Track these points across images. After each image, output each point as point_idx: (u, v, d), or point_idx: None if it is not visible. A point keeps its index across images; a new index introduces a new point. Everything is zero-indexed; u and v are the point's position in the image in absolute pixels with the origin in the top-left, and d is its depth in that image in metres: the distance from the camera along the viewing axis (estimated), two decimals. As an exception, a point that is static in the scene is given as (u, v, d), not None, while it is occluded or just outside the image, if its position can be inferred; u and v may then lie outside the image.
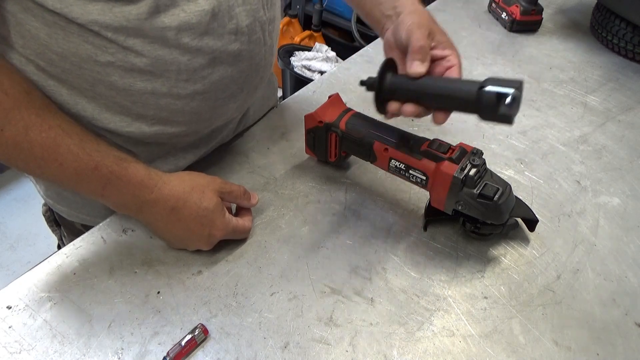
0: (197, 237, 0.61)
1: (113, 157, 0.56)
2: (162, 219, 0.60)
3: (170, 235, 0.62)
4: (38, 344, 0.54)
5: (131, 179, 0.57)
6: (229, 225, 0.62)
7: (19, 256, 1.92)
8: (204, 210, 0.59)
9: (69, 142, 0.53)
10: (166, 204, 0.58)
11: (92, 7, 0.50)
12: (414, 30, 0.57)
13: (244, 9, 0.60)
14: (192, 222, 0.59)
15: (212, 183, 0.62)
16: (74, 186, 0.56)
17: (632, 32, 1.02)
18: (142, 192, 0.57)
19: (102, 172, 0.55)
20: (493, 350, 0.55)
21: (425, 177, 0.62)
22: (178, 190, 0.59)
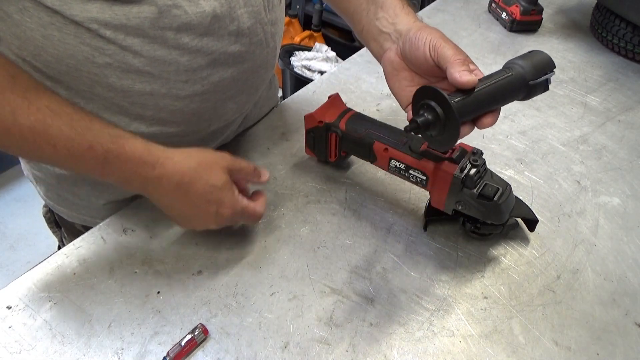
0: (205, 215, 0.58)
1: (107, 134, 0.53)
2: (167, 196, 0.57)
3: (177, 213, 0.59)
4: (38, 344, 0.54)
5: (130, 157, 0.53)
6: (238, 204, 0.59)
7: (19, 256, 1.92)
8: (212, 187, 0.56)
9: (59, 123, 0.50)
10: (170, 180, 0.55)
11: (91, 5, 0.50)
12: (443, 44, 0.53)
13: (245, 11, 0.59)
14: (198, 200, 0.57)
15: (221, 160, 0.58)
16: (73, 167, 0.55)
17: (632, 32, 1.02)
18: (144, 169, 0.54)
19: (98, 152, 0.52)
20: (493, 350, 0.55)
21: (425, 177, 0.62)
22: (183, 167, 0.55)
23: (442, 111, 0.49)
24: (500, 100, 0.51)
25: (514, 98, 0.52)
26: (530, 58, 0.52)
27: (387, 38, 0.60)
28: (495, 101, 0.51)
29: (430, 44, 0.54)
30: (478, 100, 0.50)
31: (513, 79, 0.51)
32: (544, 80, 0.51)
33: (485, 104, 0.50)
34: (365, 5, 0.62)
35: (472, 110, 0.50)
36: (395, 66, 0.59)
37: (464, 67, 0.50)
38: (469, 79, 0.49)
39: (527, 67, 0.51)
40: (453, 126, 0.49)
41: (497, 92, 0.50)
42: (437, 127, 0.50)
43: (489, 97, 0.50)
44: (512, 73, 0.51)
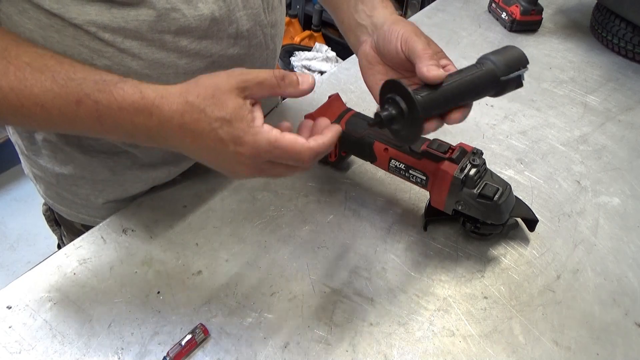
0: (227, 159, 0.47)
1: (92, 82, 0.47)
2: (182, 144, 0.48)
3: (205, 161, 0.50)
4: (38, 344, 0.54)
5: (122, 105, 0.46)
6: (262, 138, 0.45)
7: (19, 256, 1.92)
8: (218, 121, 0.45)
9: (42, 79, 0.46)
10: (172, 124, 0.46)
11: (89, 8, 0.50)
12: (414, 38, 0.53)
13: (245, 13, 0.59)
14: (209, 140, 0.46)
15: (227, 80, 0.46)
16: (72, 129, 0.50)
17: (632, 32, 1.02)
18: (141, 118, 0.47)
19: (88, 105, 0.46)
20: (493, 350, 0.55)
21: (425, 177, 0.62)
22: (180, 102, 0.46)
23: (405, 106, 0.48)
24: (469, 95, 0.50)
25: (485, 94, 0.51)
26: (503, 53, 0.51)
27: (363, 31, 0.60)
28: (464, 96, 0.50)
29: (402, 38, 0.53)
30: (445, 95, 0.49)
31: (483, 74, 0.50)
32: (517, 76, 0.50)
33: (453, 99, 0.50)
34: None
35: (438, 105, 0.49)
36: (369, 59, 0.58)
37: (432, 61, 0.50)
38: (436, 74, 0.48)
39: (499, 62, 0.50)
40: (416, 121, 0.48)
41: (466, 87, 0.50)
42: (401, 122, 0.49)
43: (457, 92, 0.49)
44: (484, 68, 0.50)
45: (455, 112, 0.50)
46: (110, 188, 0.69)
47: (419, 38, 0.53)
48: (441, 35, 1.11)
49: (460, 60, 1.02)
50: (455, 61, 1.09)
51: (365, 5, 0.60)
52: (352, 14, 0.61)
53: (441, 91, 0.48)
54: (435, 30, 1.13)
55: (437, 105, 0.49)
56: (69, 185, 0.70)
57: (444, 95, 0.49)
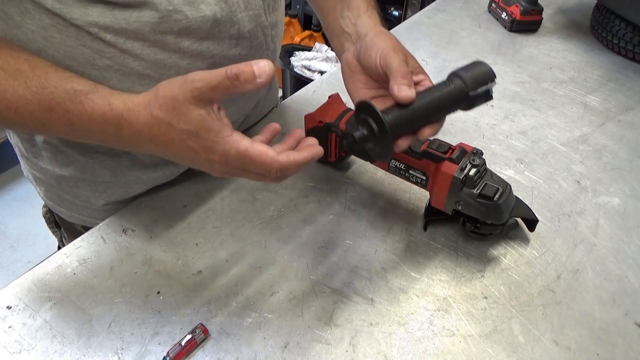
0: (199, 164, 0.49)
1: (64, 92, 0.47)
2: (153, 150, 0.49)
3: (178, 161, 0.51)
4: (38, 344, 0.54)
5: (92, 116, 0.47)
6: (231, 147, 0.46)
7: (19, 256, 1.92)
8: (183, 133, 0.45)
9: (14, 85, 0.46)
10: (142, 136, 0.47)
11: (91, 9, 0.50)
12: (391, 54, 0.53)
13: (246, 15, 0.59)
14: (179, 149, 0.47)
15: (182, 91, 0.45)
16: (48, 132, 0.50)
17: (632, 32, 1.02)
18: (111, 129, 0.47)
19: (59, 113, 0.47)
20: (493, 350, 0.55)
21: (425, 177, 0.62)
22: (146, 116, 0.46)
23: (376, 126, 0.50)
24: (439, 112, 0.52)
25: (455, 109, 0.53)
26: (471, 69, 0.52)
27: (347, 38, 0.60)
28: (435, 113, 0.52)
29: (381, 53, 0.53)
30: (415, 114, 0.51)
31: (453, 91, 0.52)
32: (484, 91, 0.52)
33: (423, 116, 0.52)
34: (333, 2, 0.63)
35: (407, 124, 0.51)
36: (351, 68, 0.58)
37: (405, 80, 0.51)
38: (405, 95, 0.49)
39: (468, 78, 0.51)
40: (387, 140, 0.50)
41: (436, 104, 0.52)
42: (373, 141, 0.52)
43: (427, 110, 0.51)
44: (453, 85, 0.52)
45: (427, 128, 0.52)
46: (111, 189, 0.69)
47: (396, 54, 0.53)
48: (441, 35, 1.11)
49: (460, 60, 1.02)
50: (455, 61, 1.10)
51: (350, 12, 0.61)
52: (337, 19, 0.61)
53: (411, 110, 0.51)
54: (435, 30, 1.13)
55: (406, 124, 0.51)
56: (69, 187, 0.69)
57: (414, 114, 0.51)
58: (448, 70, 0.53)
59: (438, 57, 1.03)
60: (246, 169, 0.48)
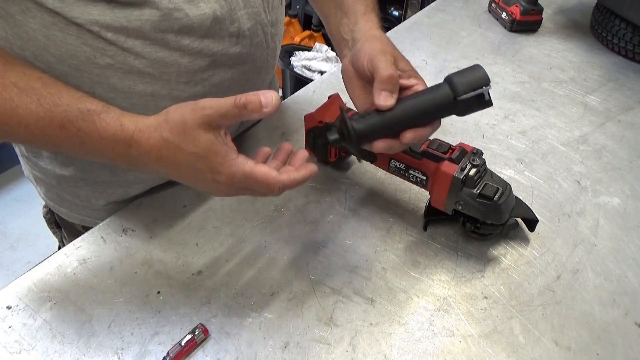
0: (206, 184, 0.50)
1: (77, 111, 0.48)
2: (159, 170, 0.51)
3: (186, 183, 0.53)
4: (38, 344, 0.54)
5: (103, 135, 0.49)
6: (237, 170, 0.48)
7: (19, 256, 1.92)
8: (191, 155, 0.48)
9: (27, 101, 0.47)
10: (150, 157, 0.49)
11: (92, 8, 0.50)
12: (378, 57, 0.53)
13: (245, 12, 0.59)
14: (186, 170, 0.49)
15: (192, 116, 0.47)
16: (56, 148, 0.51)
17: (632, 32, 1.02)
18: (121, 148, 0.49)
19: (71, 131, 0.48)
20: (493, 350, 0.55)
21: (425, 177, 0.62)
22: (156, 139, 0.48)
23: (347, 132, 0.53)
24: (423, 117, 0.52)
25: (443, 113, 0.53)
26: (464, 74, 0.52)
27: (345, 44, 0.61)
28: (416, 119, 0.52)
29: (368, 57, 0.54)
30: (393, 119, 0.52)
31: (438, 96, 0.51)
32: (477, 95, 0.51)
33: (404, 121, 0.52)
34: (333, 10, 0.63)
35: (383, 129, 0.52)
36: (349, 74, 0.59)
37: (388, 85, 0.51)
38: (383, 103, 0.51)
39: (457, 83, 0.51)
40: (353, 145, 0.53)
41: (418, 110, 0.52)
42: (347, 144, 0.54)
43: (408, 115, 0.52)
44: (440, 90, 0.51)
45: (409, 132, 0.52)
46: (111, 189, 0.69)
47: (383, 56, 0.53)
48: (441, 35, 1.11)
49: (460, 60, 1.02)
50: (455, 61, 1.10)
51: (348, 18, 0.61)
52: (337, 26, 0.62)
53: (389, 116, 0.52)
54: (435, 30, 1.13)
55: (382, 129, 0.52)
56: (69, 187, 0.69)
57: (392, 119, 0.52)
58: (448, 70, 0.53)
59: (438, 57, 1.03)
60: (250, 189, 0.51)
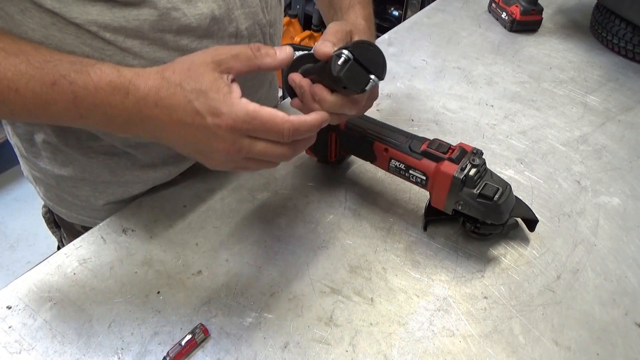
0: (202, 136, 0.46)
1: (69, 63, 0.46)
2: (155, 125, 0.47)
3: (177, 144, 0.49)
4: (38, 344, 0.54)
5: (98, 84, 0.45)
6: (239, 108, 0.45)
7: (19, 256, 1.92)
8: (192, 93, 0.44)
9: (16, 62, 0.45)
10: (148, 102, 0.46)
11: (91, 8, 0.50)
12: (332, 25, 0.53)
13: (242, 12, 0.59)
14: (185, 114, 0.45)
15: (202, 56, 0.46)
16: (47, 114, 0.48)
17: (632, 32, 1.02)
18: (118, 98, 0.46)
19: (63, 86, 0.45)
20: (493, 350, 0.55)
21: (425, 177, 0.62)
22: (156, 79, 0.46)
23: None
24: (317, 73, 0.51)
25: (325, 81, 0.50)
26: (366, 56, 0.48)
27: None
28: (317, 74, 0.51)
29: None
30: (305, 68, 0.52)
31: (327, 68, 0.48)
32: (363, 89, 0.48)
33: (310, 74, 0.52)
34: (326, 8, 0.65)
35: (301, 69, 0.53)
36: None
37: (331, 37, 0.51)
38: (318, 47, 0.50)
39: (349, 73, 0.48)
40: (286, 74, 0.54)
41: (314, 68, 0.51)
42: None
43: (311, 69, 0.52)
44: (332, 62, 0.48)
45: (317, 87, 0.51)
46: (111, 189, 0.69)
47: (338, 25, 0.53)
48: (441, 35, 1.11)
49: (460, 60, 1.02)
50: (455, 61, 1.10)
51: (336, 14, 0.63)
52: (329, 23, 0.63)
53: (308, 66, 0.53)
54: (435, 30, 1.13)
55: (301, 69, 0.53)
56: (69, 187, 0.69)
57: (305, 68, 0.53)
58: (448, 71, 0.53)
59: (438, 57, 1.03)
60: (255, 138, 0.46)
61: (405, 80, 0.96)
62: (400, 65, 1.01)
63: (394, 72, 0.99)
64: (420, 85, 0.95)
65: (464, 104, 0.91)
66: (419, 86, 0.95)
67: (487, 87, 0.95)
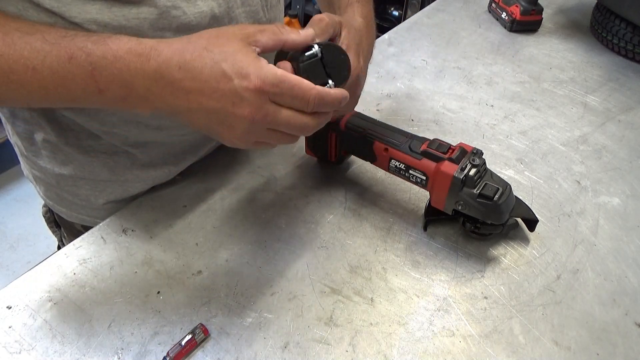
0: (226, 102, 0.44)
1: (85, 36, 0.45)
2: (180, 94, 0.45)
3: (204, 114, 0.46)
4: (38, 344, 0.54)
5: (117, 53, 0.44)
6: (268, 70, 0.44)
7: (19, 256, 1.92)
8: (220, 54, 0.44)
9: (31, 40, 0.44)
10: (170, 66, 0.44)
11: (90, 7, 0.50)
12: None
13: (243, 11, 0.59)
14: (211, 78, 0.44)
15: (230, 28, 0.47)
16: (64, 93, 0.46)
17: (632, 32, 1.02)
18: (138, 64, 0.44)
19: (80, 58, 0.44)
20: (493, 350, 0.55)
21: (425, 177, 0.62)
22: (180, 43, 0.45)
23: None
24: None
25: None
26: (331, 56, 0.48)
27: None
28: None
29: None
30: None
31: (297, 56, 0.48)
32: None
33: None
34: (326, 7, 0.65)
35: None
36: None
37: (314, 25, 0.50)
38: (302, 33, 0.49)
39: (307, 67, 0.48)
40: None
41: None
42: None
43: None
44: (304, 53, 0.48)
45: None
46: (111, 188, 0.69)
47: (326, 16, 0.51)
48: (441, 35, 1.11)
49: (460, 60, 1.02)
50: (455, 61, 1.10)
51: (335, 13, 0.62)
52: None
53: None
54: (435, 30, 1.13)
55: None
56: (69, 186, 0.70)
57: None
58: (448, 70, 0.53)
59: (438, 57, 1.03)
60: (281, 105, 0.46)
61: (405, 80, 0.96)
62: (400, 65, 1.01)
63: (394, 72, 0.99)
64: (420, 85, 0.95)
65: (464, 104, 0.91)
66: (419, 86, 0.95)
67: (487, 87, 0.95)
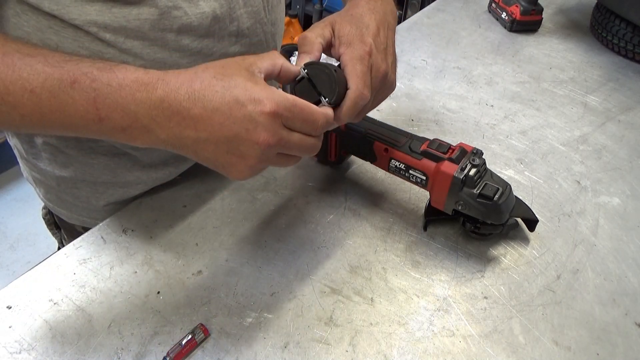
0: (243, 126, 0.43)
1: (90, 62, 0.44)
2: (187, 124, 0.43)
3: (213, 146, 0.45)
4: (38, 344, 0.54)
5: (123, 81, 0.43)
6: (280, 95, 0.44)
7: (19, 256, 1.92)
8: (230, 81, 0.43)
9: (32, 62, 0.42)
10: (178, 94, 0.43)
11: (90, 8, 0.49)
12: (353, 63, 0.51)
13: (245, 11, 0.59)
14: (223, 104, 0.43)
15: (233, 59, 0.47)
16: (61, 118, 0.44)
17: (632, 32, 1.02)
18: (144, 93, 0.43)
19: (84, 84, 0.42)
20: (493, 350, 0.55)
21: (425, 177, 0.62)
22: (188, 73, 0.44)
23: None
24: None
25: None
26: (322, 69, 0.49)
27: None
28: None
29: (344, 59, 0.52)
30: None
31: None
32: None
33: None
34: None
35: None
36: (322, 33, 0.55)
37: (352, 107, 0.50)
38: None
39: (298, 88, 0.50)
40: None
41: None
42: None
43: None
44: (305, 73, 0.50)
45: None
46: (111, 190, 0.69)
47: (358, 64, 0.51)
48: (441, 35, 1.11)
49: (460, 60, 1.02)
50: (455, 61, 1.10)
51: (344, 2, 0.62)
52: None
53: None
54: (435, 30, 1.13)
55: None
56: (69, 188, 0.69)
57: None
58: (448, 70, 0.53)
59: (438, 57, 1.03)
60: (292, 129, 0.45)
61: (405, 80, 0.96)
62: (400, 65, 1.01)
63: (394, 72, 0.99)
64: (420, 85, 0.95)
65: (464, 104, 0.91)
66: (419, 86, 0.95)
67: (487, 87, 0.95)
